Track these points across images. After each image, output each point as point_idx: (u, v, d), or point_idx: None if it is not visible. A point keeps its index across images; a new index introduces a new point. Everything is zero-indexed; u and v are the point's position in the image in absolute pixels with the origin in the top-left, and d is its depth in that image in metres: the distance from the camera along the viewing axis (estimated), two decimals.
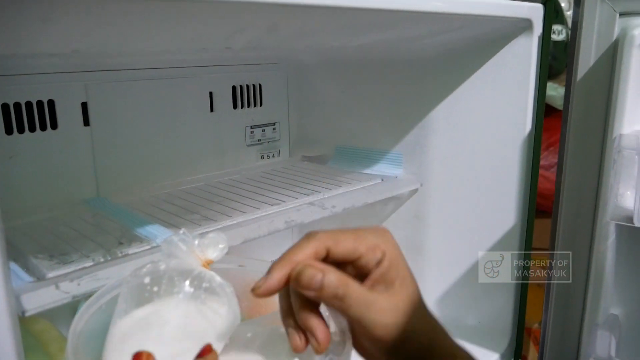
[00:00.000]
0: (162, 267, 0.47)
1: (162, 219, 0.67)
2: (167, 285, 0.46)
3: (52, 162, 0.73)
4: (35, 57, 0.67)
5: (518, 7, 0.66)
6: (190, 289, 0.46)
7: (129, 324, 0.46)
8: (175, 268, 0.47)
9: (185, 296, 0.46)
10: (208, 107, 0.89)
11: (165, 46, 0.55)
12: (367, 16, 0.49)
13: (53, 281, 0.49)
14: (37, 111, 0.71)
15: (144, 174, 0.82)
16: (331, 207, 0.71)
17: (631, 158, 0.57)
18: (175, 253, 0.47)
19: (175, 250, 0.47)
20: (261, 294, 0.39)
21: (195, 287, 0.46)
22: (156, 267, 0.47)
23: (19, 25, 0.34)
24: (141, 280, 0.47)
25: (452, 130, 0.81)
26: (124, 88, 0.78)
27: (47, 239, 0.60)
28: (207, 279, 0.47)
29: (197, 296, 0.47)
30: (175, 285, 0.46)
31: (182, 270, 0.47)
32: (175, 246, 0.47)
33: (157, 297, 0.46)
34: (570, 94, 0.68)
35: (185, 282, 0.46)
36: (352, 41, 0.65)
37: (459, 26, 0.67)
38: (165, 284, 0.46)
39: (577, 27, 0.66)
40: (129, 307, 0.47)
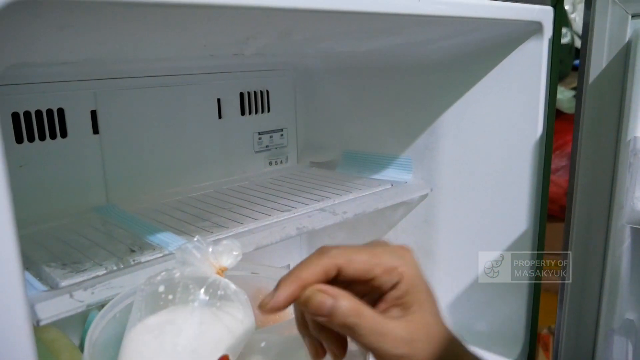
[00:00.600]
0: (176, 275, 0.47)
1: (172, 226, 0.67)
2: (182, 293, 0.46)
3: (62, 170, 0.73)
4: (45, 66, 0.67)
5: (528, 10, 0.66)
6: (205, 297, 0.46)
7: (143, 333, 0.46)
8: (190, 276, 0.47)
9: (201, 304, 0.46)
10: (216, 114, 0.89)
11: (177, 53, 0.55)
12: (380, 20, 0.49)
13: (67, 290, 0.49)
14: (47, 120, 0.71)
15: (152, 181, 0.82)
16: (342, 213, 0.71)
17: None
18: (189, 260, 0.47)
19: (189, 258, 0.47)
20: (268, 311, 0.37)
21: (210, 295, 0.46)
22: (170, 275, 0.47)
23: (36, 33, 0.34)
24: (155, 289, 0.46)
25: (461, 134, 0.81)
26: (132, 96, 0.78)
27: (58, 247, 0.60)
28: (222, 287, 0.47)
29: (212, 304, 0.46)
30: (191, 293, 0.46)
31: (196, 277, 0.47)
32: (190, 254, 0.47)
33: (172, 305, 0.46)
34: (582, 96, 0.68)
35: (200, 290, 0.46)
36: (361, 46, 0.65)
37: (469, 30, 0.67)
38: (180, 292, 0.46)
39: (589, 29, 0.66)
40: (143, 315, 0.46)
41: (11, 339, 0.31)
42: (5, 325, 0.31)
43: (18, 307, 0.32)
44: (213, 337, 0.46)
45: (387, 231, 0.92)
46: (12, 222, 0.30)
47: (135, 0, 0.30)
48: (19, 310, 0.32)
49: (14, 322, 0.32)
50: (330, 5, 0.40)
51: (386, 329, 0.36)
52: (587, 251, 0.71)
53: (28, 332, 0.32)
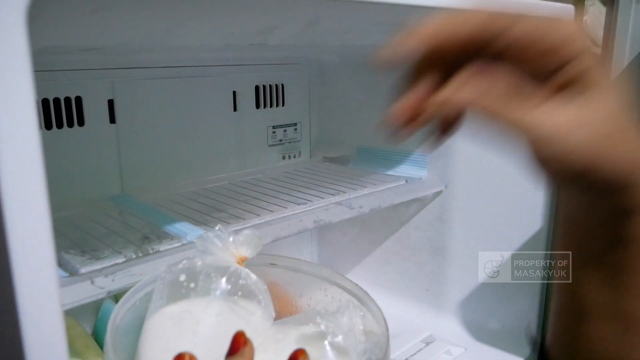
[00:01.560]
0: (198, 264, 0.47)
1: (189, 216, 0.67)
2: (203, 281, 0.46)
3: (79, 158, 0.73)
4: (66, 53, 0.67)
5: (551, 7, 0.66)
6: (227, 286, 0.46)
7: (163, 320, 0.46)
8: (211, 265, 0.47)
9: (222, 293, 0.46)
10: (231, 106, 0.89)
11: (204, 41, 0.55)
12: (408, 13, 0.49)
13: (88, 276, 0.49)
14: (65, 108, 0.71)
15: (167, 172, 0.82)
16: (359, 207, 0.71)
17: None
18: (210, 249, 0.47)
19: (210, 247, 0.47)
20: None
21: (231, 284, 0.46)
22: (192, 264, 0.47)
23: (70, 15, 0.34)
24: (177, 277, 0.46)
25: (477, 131, 0.80)
26: (149, 86, 0.78)
27: (76, 235, 0.60)
28: (243, 276, 0.47)
29: (233, 293, 0.46)
30: (212, 281, 0.46)
31: (217, 266, 0.47)
32: (211, 242, 0.47)
33: (193, 293, 0.46)
34: None
35: (222, 279, 0.46)
36: (384, 40, 0.65)
37: None
38: (202, 280, 0.46)
39: (610, 30, 0.66)
40: (164, 303, 0.46)
41: (43, 323, 0.32)
42: (37, 309, 0.31)
43: (50, 292, 0.32)
44: (232, 325, 0.46)
45: (400, 227, 0.92)
46: (48, 208, 0.30)
47: None
48: (51, 295, 0.32)
49: (46, 307, 0.32)
50: None
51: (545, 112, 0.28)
52: None
53: (60, 317, 0.32)
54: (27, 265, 0.30)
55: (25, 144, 0.30)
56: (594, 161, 0.29)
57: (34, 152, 0.30)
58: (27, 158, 0.30)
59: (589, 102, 0.29)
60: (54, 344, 0.32)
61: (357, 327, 0.46)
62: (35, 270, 0.31)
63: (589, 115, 0.28)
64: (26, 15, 0.27)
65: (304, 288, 0.57)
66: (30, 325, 0.31)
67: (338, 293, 0.54)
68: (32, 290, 0.31)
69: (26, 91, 0.28)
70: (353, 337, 0.45)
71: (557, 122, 0.28)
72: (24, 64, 0.28)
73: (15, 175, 0.29)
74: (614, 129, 0.29)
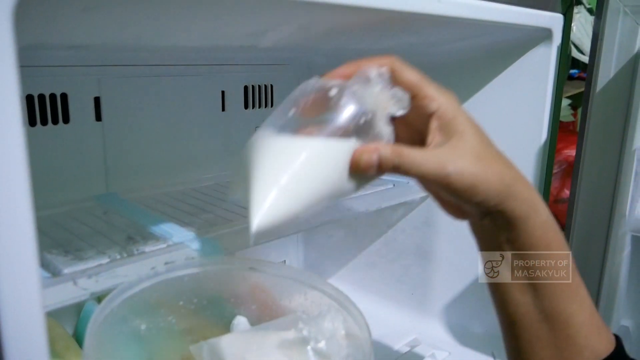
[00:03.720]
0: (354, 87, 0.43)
1: (175, 217, 0.66)
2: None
3: (63, 156, 0.72)
4: (51, 49, 0.66)
5: (540, 16, 0.66)
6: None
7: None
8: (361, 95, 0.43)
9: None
10: (219, 106, 0.89)
11: (193, 42, 0.54)
12: (399, 19, 0.49)
13: (70, 277, 0.48)
14: (50, 104, 0.70)
15: (153, 171, 0.81)
16: (346, 210, 0.70)
17: None
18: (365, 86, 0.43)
19: (366, 85, 0.43)
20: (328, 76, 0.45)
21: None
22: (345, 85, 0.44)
23: (58, 13, 0.34)
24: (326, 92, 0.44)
25: None
26: (137, 84, 0.77)
27: (59, 235, 0.59)
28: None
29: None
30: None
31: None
32: (372, 82, 0.43)
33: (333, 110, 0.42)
34: (588, 104, 0.68)
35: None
36: (375, 44, 0.65)
37: (482, 33, 0.67)
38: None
39: (598, 39, 0.66)
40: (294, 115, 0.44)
41: (24, 325, 0.31)
42: (17, 311, 0.31)
43: (32, 293, 0.31)
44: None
45: (386, 231, 0.92)
46: (31, 207, 0.30)
47: None
48: (33, 296, 0.31)
49: (27, 308, 0.31)
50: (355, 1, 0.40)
51: (426, 156, 0.39)
52: (586, 258, 0.71)
53: (41, 318, 0.32)
54: (9, 266, 0.30)
55: (9, 141, 0.29)
56: (472, 184, 0.39)
57: (18, 149, 0.29)
58: (11, 155, 0.29)
59: (454, 144, 0.40)
60: (35, 346, 0.32)
61: (339, 332, 0.46)
62: (17, 270, 0.30)
63: (456, 153, 0.39)
64: (13, 13, 0.26)
65: (284, 292, 0.56)
66: (10, 327, 0.30)
67: (318, 297, 0.53)
68: (14, 291, 0.30)
69: (11, 88, 0.28)
70: (336, 342, 0.45)
71: (437, 159, 0.39)
72: (10, 60, 0.27)
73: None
74: (482, 156, 0.40)
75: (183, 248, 0.56)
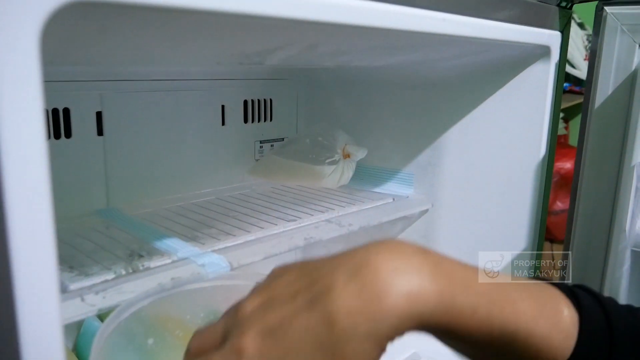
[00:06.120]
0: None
1: (178, 232, 0.66)
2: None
3: (65, 171, 0.72)
4: (54, 64, 0.66)
5: (538, 34, 0.67)
6: None
7: None
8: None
9: None
10: (220, 120, 0.89)
11: (197, 61, 0.54)
12: (405, 38, 0.50)
13: (78, 293, 0.48)
14: (52, 119, 0.70)
15: (154, 186, 0.81)
16: (348, 225, 0.71)
17: None
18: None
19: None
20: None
21: None
22: None
23: (75, 34, 0.34)
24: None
25: (465, 152, 0.82)
26: (138, 99, 0.78)
27: (63, 250, 0.59)
28: None
29: None
30: None
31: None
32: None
33: None
34: (587, 121, 0.70)
35: None
36: (378, 61, 0.66)
37: (482, 50, 0.68)
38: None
39: (596, 57, 0.68)
40: None
41: (43, 340, 0.31)
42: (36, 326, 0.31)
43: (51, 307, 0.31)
44: None
45: None
46: (52, 222, 0.30)
47: (187, 7, 0.30)
48: (51, 311, 0.31)
49: (45, 323, 0.31)
50: (363, 21, 0.41)
51: None
52: (585, 273, 0.72)
53: (59, 334, 0.32)
54: (29, 279, 0.30)
55: (33, 155, 0.29)
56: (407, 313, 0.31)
57: (42, 163, 0.30)
58: (34, 169, 0.30)
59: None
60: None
61: None
62: (37, 285, 0.30)
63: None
64: (41, 30, 0.27)
65: None
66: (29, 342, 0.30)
67: None
68: (33, 306, 0.30)
69: (37, 104, 0.28)
70: None
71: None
72: (35, 76, 0.28)
73: (21, 187, 0.29)
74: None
75: (189, 263, 0.56)
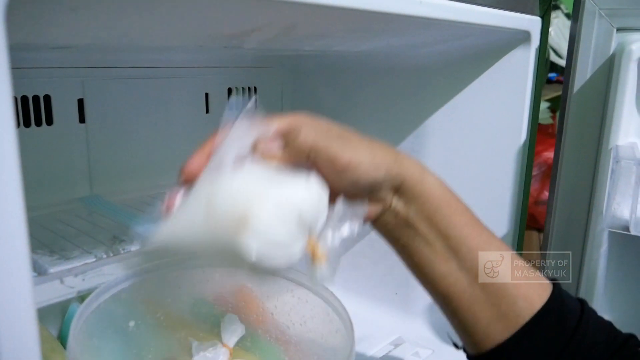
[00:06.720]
0: None
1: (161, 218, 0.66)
2: None
3: (47, 158, 0.72)
4: (35, 51, 0.66)
5: (519, 19, 0.68)
6: None
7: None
8: None
9: None
10: (204, 108, 0.89)
11: (179, 42, 0.55)
12: (381, 20, 0.50)
13: (57, 276, 0.48)
14: (33, 106, 0.70)
15: (137, 173, 0.81)
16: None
17: (629, 168, 0.59)
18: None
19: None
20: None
21: None
22: None
23: (46, 13, 0.34)
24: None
25: (447, 138, 0.82)
26: (120, 86, 0.77)
27: (44, 236, 0.59)
28: None
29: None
30: None
31: None
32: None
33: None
34: (566, 105, 0.70)
35: None
36: (359, 46, 0.66)
37: (462, 35, 0.69)
38: None
39: (575, 42, 0.68)
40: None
41: (16, 324, 0.31)
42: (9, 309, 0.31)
43: (24, 292, 0.31)
44: None
45: (370, 231, 0.93)
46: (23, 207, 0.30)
47: None
48: (24, 293, 0.31)
49: (18, 306, 0.31)
50: (340, 1, 0.41)
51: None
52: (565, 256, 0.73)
53: (33, 315, 0.32)
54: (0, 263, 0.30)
55: (1, 143, 0.29)
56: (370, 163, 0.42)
57: (11, 150, 0.29)
58: (3, 156, 0.29)
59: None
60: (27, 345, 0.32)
61: None
62: (8, 268, 0.30)
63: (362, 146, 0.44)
64: (4, 12, 0.27)
65: (271, 290, 0.57)
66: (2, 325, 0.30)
67: (305, 294, 0.54)
68: (4, 289, 0.30)
69: (3, 89, 0.28)
70: None
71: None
72: (2, 61, 0.27)
73: None
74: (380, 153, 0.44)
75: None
